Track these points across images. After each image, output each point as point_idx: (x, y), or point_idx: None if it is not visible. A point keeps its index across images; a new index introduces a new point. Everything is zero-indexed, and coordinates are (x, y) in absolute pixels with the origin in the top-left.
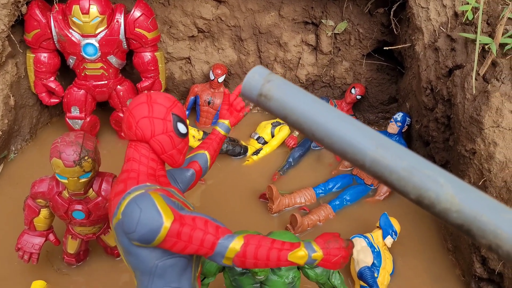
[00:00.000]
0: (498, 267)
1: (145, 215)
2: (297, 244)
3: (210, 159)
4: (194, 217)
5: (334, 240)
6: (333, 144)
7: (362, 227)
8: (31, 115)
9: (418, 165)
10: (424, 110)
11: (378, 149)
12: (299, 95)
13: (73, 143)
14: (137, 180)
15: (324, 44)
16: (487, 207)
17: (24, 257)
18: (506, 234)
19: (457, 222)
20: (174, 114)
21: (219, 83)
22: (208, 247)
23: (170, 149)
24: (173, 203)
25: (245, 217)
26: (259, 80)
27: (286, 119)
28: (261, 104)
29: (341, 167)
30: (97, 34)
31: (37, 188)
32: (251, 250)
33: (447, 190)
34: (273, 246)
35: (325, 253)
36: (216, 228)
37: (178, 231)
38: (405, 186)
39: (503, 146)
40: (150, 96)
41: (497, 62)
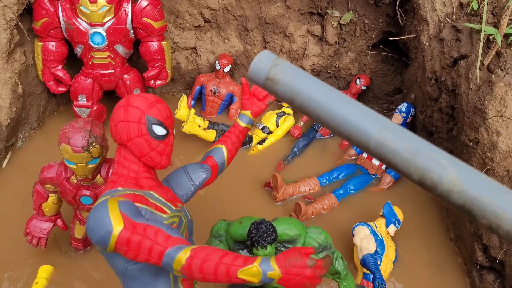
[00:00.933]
0: (499, 255)
1: (96, 223)
2: (252, 259)
3: (227, 153)
4: (146, 226)
5: (296, 258)
6: (338, 127)
7: (365, 216)
8: (39, 103)
9: (421, 147)
10: (428, 101)
11: (382, 131)
12: (305, 79)
13: (82, 129)
14: (114, 184)
15: (330, 34)
16: (488, 188)
17: (32, 242)
18: (507, 214)
19: (458, 203)
20: (149, 116)
21: (225, 73)
22: (155, 257)
23: (147, 152)
24: (136, 209)
25: (250, 205)
26: (266, 64)
27: (293, 102)
28: (268, 88)
29: (345, 156)
30: (104, 23)
31: (46, 173)
32: (196, 264)
33: (449, 172)
34: (222, 261)
35: (283, 272)
36: (166, 238)
37: (127, 239)
38: (408, 168)
39: (506, 135)
40: (128, 99)
41: (501, 53)
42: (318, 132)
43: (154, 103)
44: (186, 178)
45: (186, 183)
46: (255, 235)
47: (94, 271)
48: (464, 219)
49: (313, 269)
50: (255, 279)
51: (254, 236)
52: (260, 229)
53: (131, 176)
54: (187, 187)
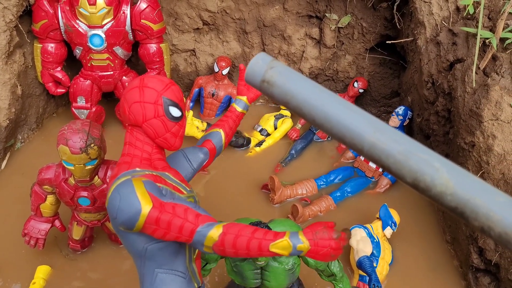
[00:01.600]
0: (494, 258)
1: (124, 202)
2: (281, 234)
3: (225, 137)
4: (175, 205)
5: (323, 231)
6: (332, 128)
7: (362, 218)
8: (38, 104)
9: (414, 149)
10: (425, 104)
11: (375, 133)
12: (300, 81)
13: (80, 130)
14: (129, 165)
15: (328, 37)
16: (481, 191)
17: (30, 242)
18: (498, 216)
19: (451, 205)
20: (166, 97)
21: (223, 76)
22: (186, 235)
23: (163, 133)
24: (159, 189)
25: (248, 207)
26: (263, 66)
27: (288, 104)
28: (263, 90)
29: (343, 159)
30: (103, 25)
31: (44, 174)
32: (229, 240)
33: (442, 174)
34: (254, 236)
35: (311, 244)
36: (195, 216)
37: (156, 218)
38: (401, 170)
39: (502, 138)
40: (143, 80)
41: (497, 56)
42: (316, 134)
43: (169, 84)
44: (185, 160)
45: (185, 165)
46: None
47: (92, 272)
48: (460, 222)
49: (338, 241)
50: (285, 252)
51: None
52: None
53: (144, 157)
54: (186, 169)
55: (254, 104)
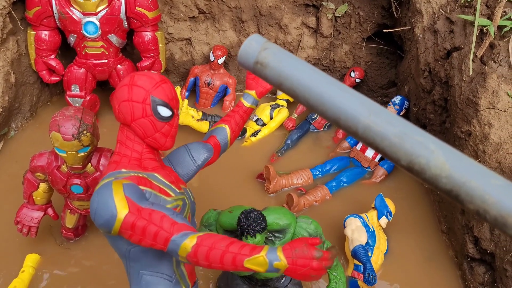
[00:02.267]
0: (490, 247)
1: (100, 206)
2: (258, 249)
3: (230, 133)
4: (152, 211)
5: (303, 249)
6: (326, 111)
7: (357, 208)
8: (32, 93)
9: (409, 131)
10: (422, 93)
11: (370, 116)
12: (294, 62)
13: (72, 117)
14: (117, 165)
15: (325, 27)
16: (476, 173)
17: (23, 231)
18: (494, 199)
19: (446, 188)
20: (154, 97)
21: (219, 65)
22: (161, 243)
23: (152, 133)
24: (141, 193)
25: (243, 196)
26: (256, 48)
27: (282, 86)
28: (257, 72)
29: (339, 149)
30: (98, 13)
31: (36, 162)
32: (202, 252)
33: (437, 156)
34: (228, 250)
35: (289, 262)
36: (171, 225)
37: (132, 224)
38: (396, 153)
39: (498, 127)
40: (133, 77)
41: (494, 44)
42: (312, 124)
43: (160, 83)
44: (188, 157)
45: (188, 162)
46: (244, 224)
47: (86, 260)
48: (455, 212)
49: (320, 261)
50: (261, 268)
51: (244, 225)
52: (249, 218)
53: (134, 157)
54: (189, 166)
55: None
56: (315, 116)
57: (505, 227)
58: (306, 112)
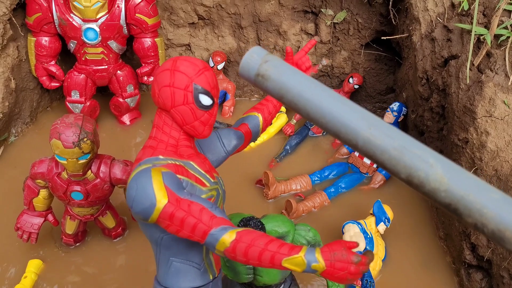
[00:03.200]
0: (487, 254)
1: (139, 194)
2: (297, 249)
3: (262, 122)
4: (191, 203)
5: (341, 253)
6: (327, 123)
7: (356, 214)
8: (32, 98)
9: (409, 145)
10: (419, 100)
11: (370, 129)
12: (295, 75)
13: (73, 124)
14: (154, 150)
15: (323, 33)
16: (474, 187)
17: (23, 237)
18: (492, 213)
19: (445, 201)
20: (197, 84)
21: (218, 71)
22: (199, 235)
23: (191, 121)
24: (178, 182)
25: (241, 202)
26: (257, 60)
27: (283, 99)
28: (258, 84)
29: (337, 155)
30: (98, 19)
31: (37, 168)
32: (241, 248)
33: (436, 170)
34: (267, 248)
35: (327, 265)
36: (210, 218)
37: (170, 214)
38: (396, 166)
39: (495, 135)
40: (175, 62)
41: (491, 53)
42: (310, 130)
43: (203, 70)
44: (218, 143)
45: (219, 148)
46: None
47: (86, 266)
48: (453, 218)
49: (358, 266)
50: (298, 268)
51: None
52: (248, 226)
53: (171, 144)
54: (219, 152)
55: (250, 100)
56: None
57: (503, 241)
58: (303, 117)
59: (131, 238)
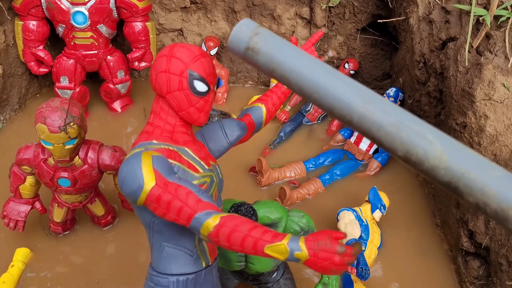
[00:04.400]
0: (484, 241)
1: (128, 176)
2: (281, 236)
3: (266, 113)
4: (178, 186)
5: (325, 242)
6: (320, 99)
7: (351, 201)
8: (20, 84)
9: (406, 120)
10: (416, 84)
11: (366, 104)
12: (287, 48)
13: (59, 108)
14: (149, 135)
15: (318, 17)
16: (476, 164)
17: (10, 225)
18: (494, 191)
19: (444, 180)
20: (192, 71)
21: (211, 56)
22: (184, 219)
23: (186, 107)
24: (169, 166)
25: (235, 189)
26: (247, 33)
27: (274, 73)
28: (248, 58)
29: (332, 142)
30: (86, 2)
31: (23, 154)
32: (224, 233)
33: (435, 147)
34: (250, 234)
35: (311, 254)
36: (196, 202)
37: (157, 197)
38: (393, 143)
39: (494, 119)
40: (172, 49)
41: (491, 34)
42: (305, 117)
43: (199, 56)
44: (221, 132)
45: (221, 137)
46: None
47: (75, 255)
48: (450, 205)
49: (342, 256)
50: (281, 256)
51: None
52: (240, 211)
53: (167, 129)
54: (221, 142)
55: (243, 86)
56: (309, 109)
57: (506, 221)
58: (300, 104)
59: (121, 226)
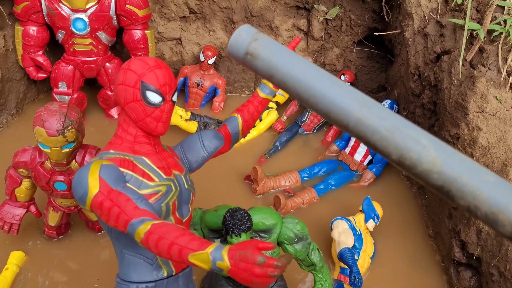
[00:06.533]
0: (476, 252)
1: (76, 183)
2: (206, 245)
3: (242, 123)
4: (119, 194)
5: (246, 252)
6: (317, 103)
7: (345, 211)
8: (18, 89)
9: (401, 125)
10: (411, 96)
11: (362, 109)
12: (285, 54)
13: (57, 112)
14: (110, 145)
15: (316, 29)
16: (468, 169)
17: (4, 228)
18: (485, 195)
19: (437, 183)
20: (144, 82)
21: (209, 65)
22: (121, 225)
23: (142, 118)
24: (119, 175)
25: (230, 197)
26: (246, 38)
27: (272, 78)
28: (247, 63)
29: (327, 152)
30: (87, 9)
31: (19, 157)
32: (152, 240)
33: (429, 151)
34: (176, 242)
35: (231, 264)
36: (133, 209)
37: (99, 203)
38: (387, 147)
39: (487, 131)
40: (129, 62)
41: (484, 48)
42: (301, 127)
43: (153, 68)
44: (199, 144)
45: (198, 149)
46: (229, 223)
47: (69, 260)
48: (443, 216)
49: (262, 268)
50: (205, 265)
51: (229, 224)
52: (235, 217)
53: (128, 140)
54: (199, 153)
55: (240, 96)
56: (305, 119)
57: (496, 224)
58: (296, 115)
59: None
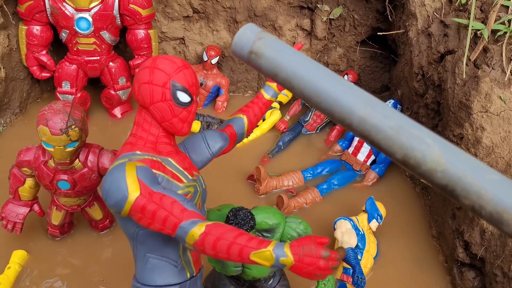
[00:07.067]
0: (480, 252)
1: (113, 186)
2: (266, 243)
3: (247, 123)
4: (163, 196)
5: (311, 247)
6: (321, 102)
7: (348, 211)
8: (22, 89)
9: (405, 124)
10: (414, 96)
11: (366, 107)
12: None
13: (61, 111)
14: (132, 146)
15: (319, 29)
16: (472, 168)
17: (7, 227)
18: (490, 194)
19: (441, 183)
20: (175, 82)
21: (212, 65)
22: (169, 228)
23: (169, 118)
24: (153, 176)
25: (233, 197)
26: (250, 37)
27: (276, 77)
28: (251, 62)
29: (331, 152)
30: (91, 9)
31: (23, 156)
32: (210, 241)
33: (433, 150)
34: (236, 241)
35: (296, 259)
36: (181, 211)
37: (142, 207)
38: (392, 146)
39: (491, 131)
40: (155, 60)
41: (488, 48)
42: (304, 127)
43: (181, 68)
44: (203, 144)
45: (203, 149)
46: (233, 222)
47: (72, 259)
48: (446, 216)
49: (327, 261)
50: (267, 263)
51: (232, 223)
52: (238, 216)
53: (150, 140)
54: (204, 153)
55: (243, 95)
56: (308, 119)
57: (501, 224)
58: (299, 114)
59: (118, 231)
